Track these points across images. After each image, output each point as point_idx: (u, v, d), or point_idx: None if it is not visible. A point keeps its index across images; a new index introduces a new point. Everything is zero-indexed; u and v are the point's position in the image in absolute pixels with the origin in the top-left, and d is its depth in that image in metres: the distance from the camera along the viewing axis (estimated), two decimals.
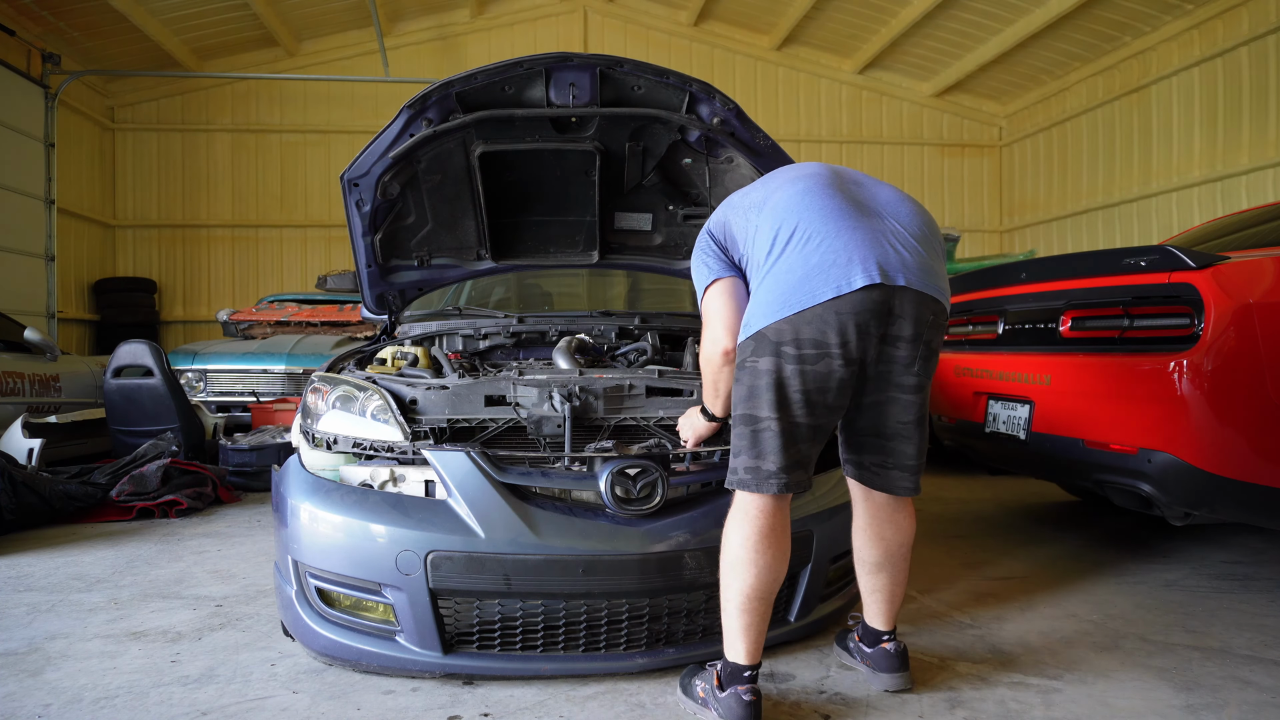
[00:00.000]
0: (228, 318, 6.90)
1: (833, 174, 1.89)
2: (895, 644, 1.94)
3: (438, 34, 11.67)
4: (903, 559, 1.94)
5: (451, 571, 1.88)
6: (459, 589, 1.90)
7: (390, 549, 1.90)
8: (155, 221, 11.38)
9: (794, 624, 2.16)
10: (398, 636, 1.95)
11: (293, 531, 2.04)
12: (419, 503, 1.98)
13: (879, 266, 1.68)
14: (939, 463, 5.69)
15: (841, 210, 1.76)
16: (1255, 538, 3.36)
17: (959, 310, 3.62)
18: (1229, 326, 2.29)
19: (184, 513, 4.02)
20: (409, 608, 1.91)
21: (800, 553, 2.06)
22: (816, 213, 1.76)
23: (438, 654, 1.93)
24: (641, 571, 1.90)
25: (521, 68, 2.48)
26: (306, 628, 2.04)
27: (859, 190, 1.85)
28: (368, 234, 2.80)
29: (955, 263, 9.09)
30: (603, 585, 1.90)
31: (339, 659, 2.02)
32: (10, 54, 8.92)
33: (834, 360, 1.68)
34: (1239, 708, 1.83)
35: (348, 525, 1.95)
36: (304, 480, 2.10)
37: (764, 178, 1.99)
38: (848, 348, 1.68)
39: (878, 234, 1.73)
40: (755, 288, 1.80)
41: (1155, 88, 9.57)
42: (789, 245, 1.75)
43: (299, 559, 2.04)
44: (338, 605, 2.03)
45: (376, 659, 1.97)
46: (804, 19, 11.14)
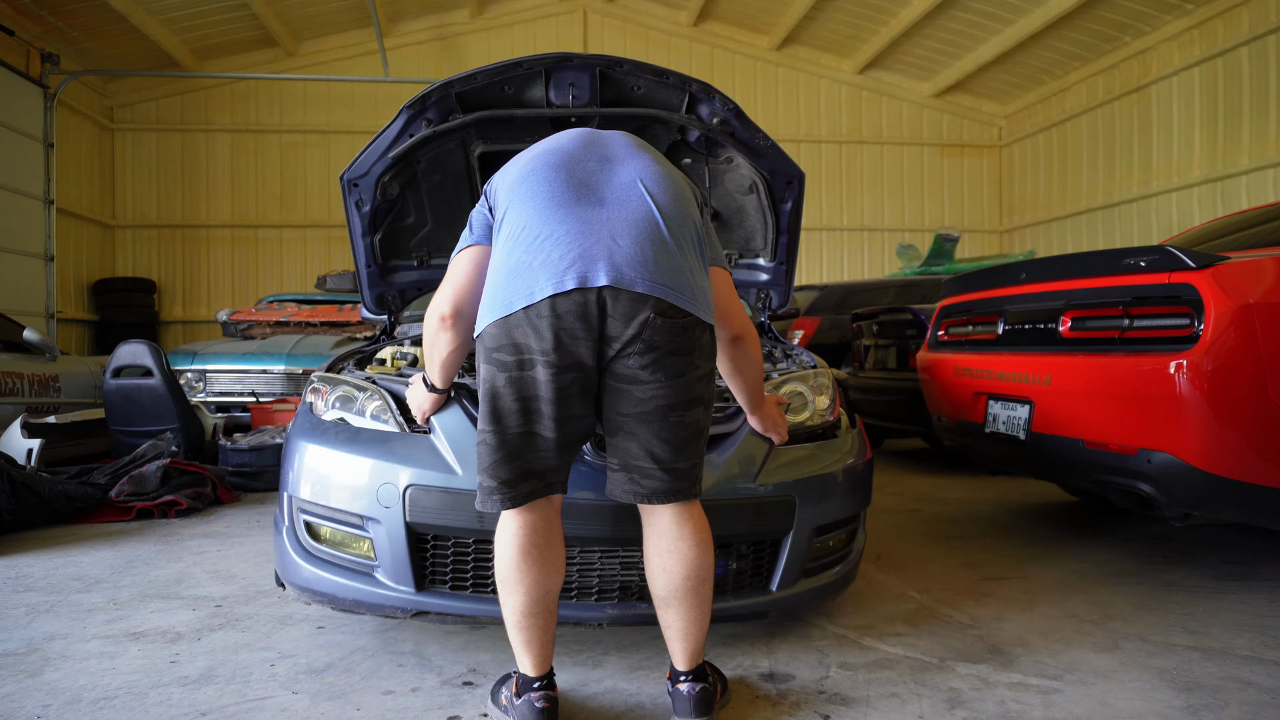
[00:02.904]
0: (227, 318, 6.90)
1: (578, 148, 1.75)
2: (690, 685, 1.69)
3: (437, 34, 11.68)
4: (690, 593, 1.67)
5: (428, 506, 1.94)
6: (435, 524, 1.94)
7: (373, 482, 1.98)
8: (155, 222, 11.39)
9: (775, 594, 2.10)
10: (376, 572, 2.01)
11: (291, 469, 2.15)
12: (403, 439, 2.05)
13: (580, 269, 1.56)
14: (939, 463, 5.69)
15: (556, 199, 1.64)
16: (1255, 538, 3.36)
17: (959, 310, 3.62)
18: (1229, 327, 2.29)
19: (183, 513, 4.01)
20: (387, 542, 1.97)
21: (781, 518, 2.05)
22: (531, 200, 1.65)
23: (411, 590, 1.98)
24: (614, 517, 1.91)
25: (521, 68, 2.47)
26: (291, 563, 2.13)
27: (600, 169, 1.70)
28: (367, 234, 2.80)
29: (955, 263, 9.13)
30: (575, 529, 1.92)
31: (319, 594, 2.09)
32: (9, 54, 8.92)
33: (543, 367, 1.56)
34: (1239, 708, 1.83)
35: (336, 459, 2.05)
36: (305, 421, 2.22)
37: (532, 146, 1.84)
38: (552, 354, 1.55)
39: (589, 226, 1.60)
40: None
41: (1155, 88, 9.57)
42: (506, 236, 1.66)
43: (293, 494, 2.13)
44: (323, 540, 2.12)
45: (353, 593, 2.03)
46: (804, 19, 11.15)
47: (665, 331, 1.59)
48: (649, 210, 1.65)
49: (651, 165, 1.74)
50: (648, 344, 1.58)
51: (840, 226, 12.56)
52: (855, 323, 5.91)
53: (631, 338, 1.57)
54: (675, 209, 1.69)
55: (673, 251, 1.63)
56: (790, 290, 3.08)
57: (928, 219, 12.62)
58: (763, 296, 3.16)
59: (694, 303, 1.63)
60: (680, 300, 1.60)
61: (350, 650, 2.18)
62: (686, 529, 1.68)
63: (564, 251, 1.58)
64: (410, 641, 2.24)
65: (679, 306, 1.60)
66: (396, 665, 2.08)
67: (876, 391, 5.39)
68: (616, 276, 1.56)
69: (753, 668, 2.05)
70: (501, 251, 1.66)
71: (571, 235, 1.60)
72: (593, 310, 1.56)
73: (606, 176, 1.69)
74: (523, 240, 1.62)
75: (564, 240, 1.59)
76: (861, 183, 12.58)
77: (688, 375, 1.63)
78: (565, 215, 1.62)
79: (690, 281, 1.64)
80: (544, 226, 1.61)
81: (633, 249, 1.59)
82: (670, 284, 1.60)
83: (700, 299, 1.65)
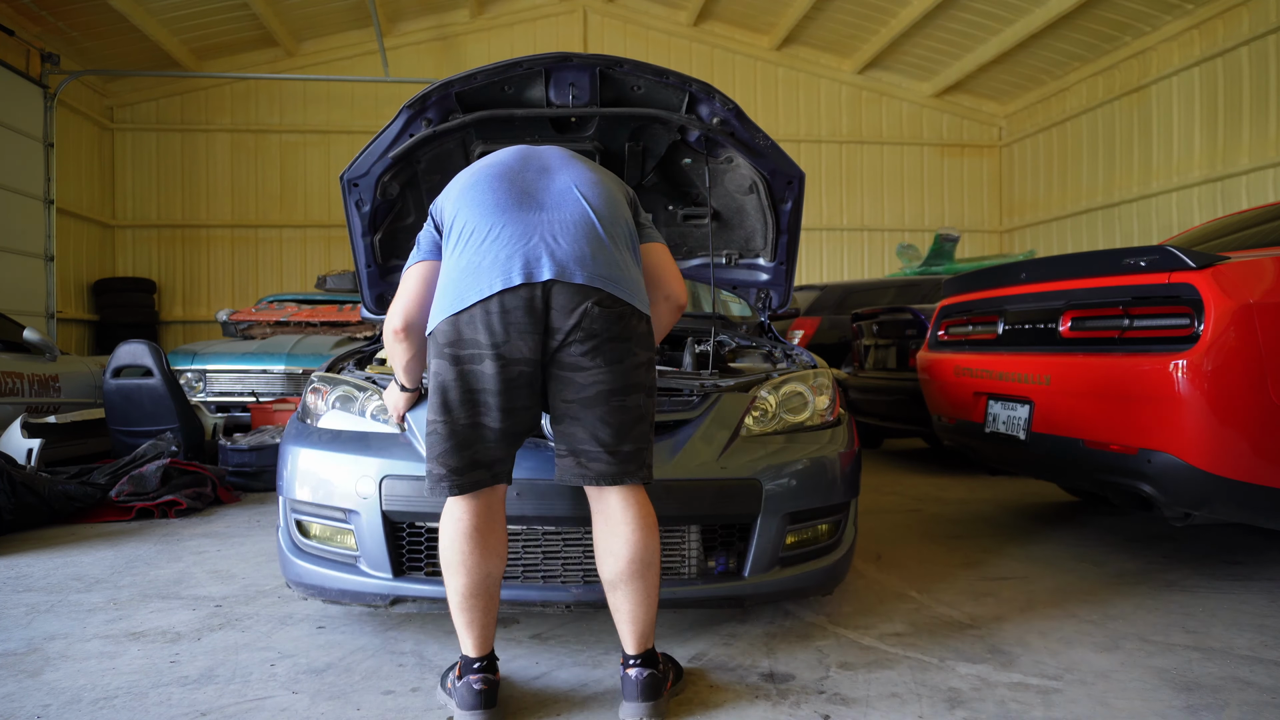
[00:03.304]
0: (227, 318, 6.90)
1: (516, 161, 1.89)
2: (639, 670, 1.75)
3: (437, 34, 11.68)
4: (636, 577, 1.75)
5: (402, 493, 2.05)
6: (408, 511, 2.06)
7: (352, 476, 2.11)
8: (155, 221, 11.39)
9: (747, 580, 2.11)
10: (359, 563, 2.13)
11: (283, 472, 2.28)
12: (380, 436, 2.17)
13: (524, 265, 1.70)
14: (939, 463, 5.69)
15: (499, 205, 1.78)
16: (1255, 538, 3.36)
17: (959, 310, 3.62)
18: (1229, 326, 2.29)
19: (183, 513, 4.02)
20: (366, 531, 2.09)
21: (746, 503, 2.08)
22: (477, 208, 1.80)
23: (389, 576, 2.09)
24: (574, 497, 1.97)
25: (521, 68, 2.48)
26: (287, 560, 2.27)
27: (538, 179, 1.85)
28: (367, 234, 2.80)
29: (955, 263, 9.12)
30: (535, 509, 2.01)
31: (309, 586, 2.21)
32: (9, 54, 8.92)
33: (490, 361, 1.68)
34: (1239, 708, 1.83)
35: (321, 459, 2.19)
36: (294, 427, 2.35)
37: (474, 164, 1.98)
38: (501, 347, 1.68)
39: (531, 228, 1.75)
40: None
41: (1155, 88, 9.57)
42: (455, 242, 1.80)
43: (287, 496, 2.26)
44: (312, 537, 2.25)
45: (339, 584, 2.15)
46: (804, 19, 11.15)
47: (603, 320, 1.71)
48: (584, 211, 1.79)
49: (585, 172, 1.89)
50: (587, 332, 1.70)
51: (840, 226, 12.56)
52: (855, 323, 5.91)
53: (573, 327, 1.69)
54: (608, 210, 1.83)
55: (608, 248, 1.78)
56: (790, 290, 3.08)
57: (928, 219, 12.62)
58: (763, 296, 3.16)
59: (630, 293, 1.76)
60: (617, 291, 1.74)
61: (350, 650, 2.18)
62: (630, 513, 1.77)
63: (510, 251, 1.72)
64: (410, 641, 2.24)
65: (616, 296, 1.73)
66: (396, 665, 2.08)
67: (876, 391, 5.39)
68: (559, 271, 1.70)
69: (753, 668, 2.05)
70: (452, 256, 1.79)
71: (516, 237, 1.74)
72: (538, 304, 1.69)
73: (545, 184, 1.84)
74: (471, 243, 1.76)
75: (510, 241, 1.73)
76: (861, 183, 12.58)
77: (626, 361, 1.74)
78: (509, 219, 1.76)
79: (625, 275, 1.78)
80: (490, 230, 1.75)
81: (571, 246, 1.73)
82: (607, 276, 1.74)
83: (635, 291, 1.79)
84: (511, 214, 1.77)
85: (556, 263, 1.71)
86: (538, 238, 1.73)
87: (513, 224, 1.75)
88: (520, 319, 1.68)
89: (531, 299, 1.69)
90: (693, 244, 3.12)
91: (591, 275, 1.72)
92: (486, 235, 1.75)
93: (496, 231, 1.75)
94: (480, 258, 1.73)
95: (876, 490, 4.58)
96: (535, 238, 1.73)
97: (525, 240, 1.73)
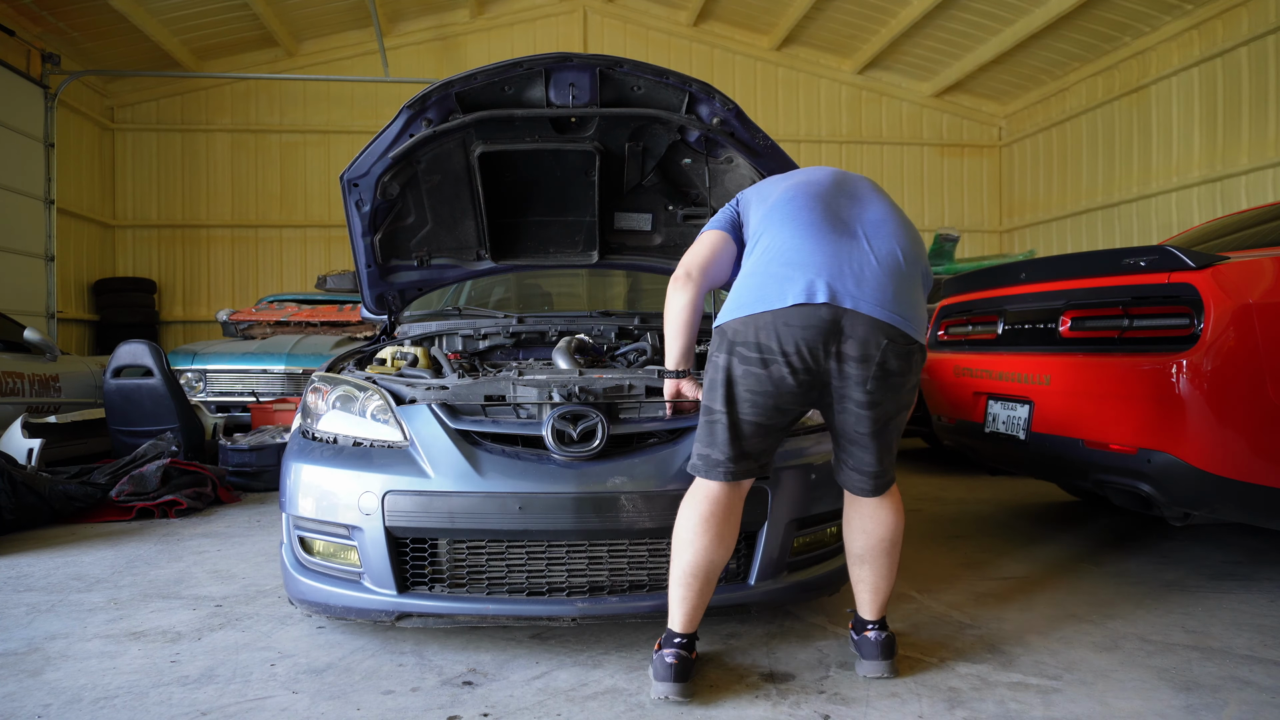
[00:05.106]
0: (227, 318, 6.89)
1: (831, 184, 1.98)
2: (878, 633, 1.99)
3: (437, 34, 11.67)
4: (884, 554, 1.98)
5: (405, 509, 2.03)
6: (411, 526, 2.04)
7: (355, 492, 2.07)
8: (155, 221, 11.38)
9: (754, 587, 2.12)
10: (362, 579, 2.10)
11: (285, 488, 2.23)
12: (382, 451, 2.15)
13: (829, 287, 1.77)
14: (939, 463, 5.69)
15: (815, 226, 1.85)
16: (1255, 538, 3.36)
17: (959, 310, 3.62)
18: (1229, 326, 2.29)
19: (184, 513, 4.02)
20: (369, 547, 2.06)
21: (753, 511, 2.07)
22: (792, 224, 1.87)
23: (393, 593, 2.06)
24: (577, 510, 1.98)
25: (521, 68, 2.48)
26: (290, 577, 2.23)
27: (849, 205, 1.93)
28: (367, 234, 2.80)
29: (955, 263, 9.12)
30: (540, 523, 2.00)
31: (314, 603, 2.18)
32: (10, 54, 8.92)
33: (779, 366, 1.79)
34: (1239, 708, 1.83)
35: (323, 474, 2.15)
36: (297, 442, 2.31)
37: (785, 174, 2.11)
38: (791, 357, 1.78)
39: (843, 254, 1.82)
40: (734, 282, 1.94)
41: (1155, 88, 9.57)
42: (762, 249, 1.89)
43: (290, 512, 2.22)
44: (315, 553, 2.21)
45: (343, 600, 2.12)
46: (804, 19, 11.14)
47: (895, 356, 1.81)
48: (893, 248, 1.86)
49: (892, 209, 1.97)
50: (883, 368, 1.80)
51: None
52: None
53: (866, 358, 1.79)
54: (913, 249, 1.91)
55: (907, 286, 1.86)
56: None
57: (928, 219, 12.61)
58: None
59: (919, 331, 1.87)
60: (909, 329, 1.82)
61: (350, 650, 2.18)
62: (889, 498, 1.98)
63: (818, 271, 1.79)
64: (410, 641, 2.24)
65: (909, 335, 1.82)
66: (396, 665, 2.08)
67: None
68: (859, 302, 1.78)
69: (753, 668, 2.05)
70: (760, 260, 1.88)
71: (826, 258, 1.81)
72: (833, 326, 1.77)
73: (858, 214, 1.92)
74: (781, 255, 1.84)
75: (819, 262, 1.80)
76: None
77: (904, 391, 1.88)
78: (822, 241, 1.83)
79: (917, 314, 1.88)
80: (803, 246, 1.83)
81: (876, 280, 1.80)
82: (903, 315, 1.82)
83: (922, 327, 1.89)
84: (826, 237, 1.84)
85: (860, 293, 1.78)
86: (846, 265, 1.80)
87: (825, 247, 1.82)
88: (814, 335, 1.76)
89: (833, 320, 1.77)
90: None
91: (891, 313, 1.79)
92: (798, 249, 1.82)
93: (810, 249, 1.82)
94: (788, 270, 1.80)
95: None
96: (844, 264, 1.80)
97: (833, 265, 1.80)
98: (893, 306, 1.80)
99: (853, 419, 1.87)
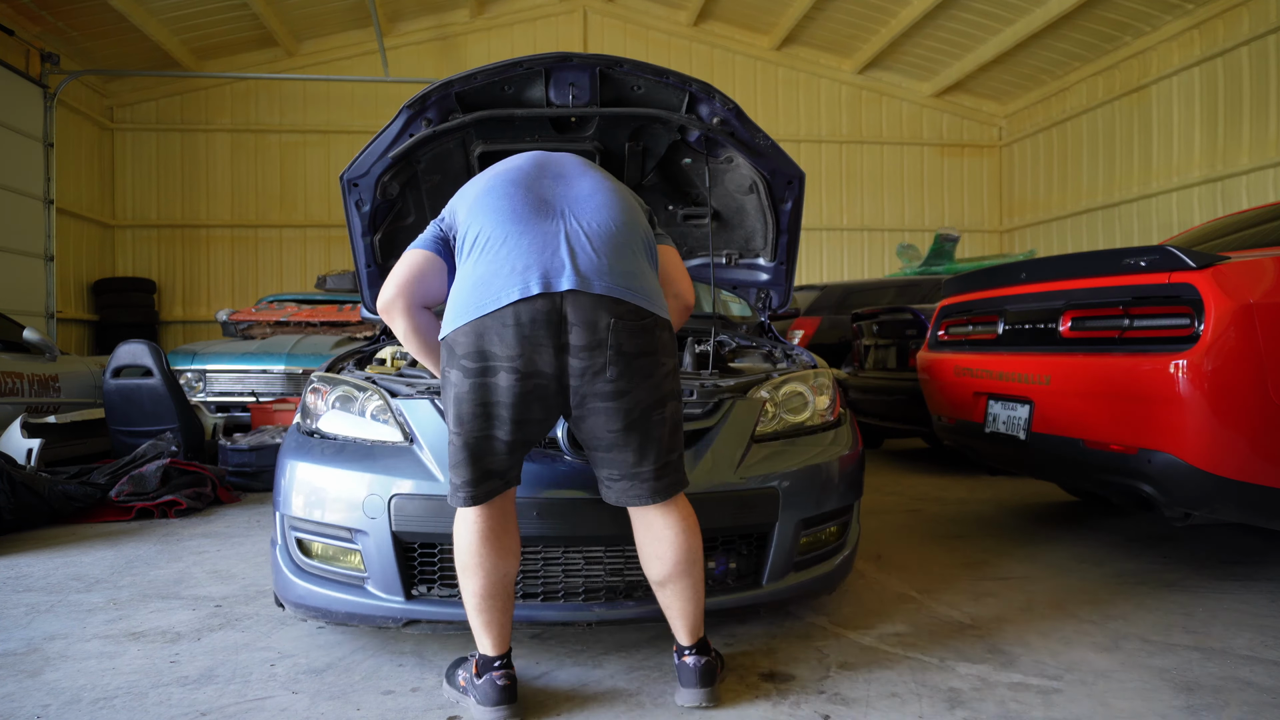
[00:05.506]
0: (227, 318, 6.90)
1: (532, 168, 1.88)
2: (696, 658, 1.83)
3: (437, 34, 11.68)
4: (683, 574, 1.80)
5: (413, 514, 1.96)
6: (420, 531, 1.96)
7: (359, 494, 1.99)
8: (154, 221, 11.39)
9: (765, 588, 2.11)
10: (366, 584, 2.03)
11: (280, 487, 2.15)
12: (387, 450, 2.07)
13: (542, 275, 1.67)
14: (939, 463, 5.69)
15: (516, 213, 1.76)
16: (1255, 538, 3.36)
17: (959, 310, 3.62)
18: (1229, 326, 2.29)
19: (183, 513, 4.01)
20: (375, 552, 1.98)
21: (766, 512, 2.06)
22: (492, 215, 1.77)
23: (400, 599, 1.99)
24: (595, 515, 1.93)
25: (521, 68, 2.47)
26: (285, 580, 2.13)
27: (553, 185, 1.84)
28: (367, 234, 2.80)
29: (955, 263, 9.12)
30: (556, 529, 1.95)
31: (313, 609, 2.10)
32: (9, 54, 8.92)
33: (505, 374, 1.66)
34: (1239, 708, 1.83)
35: (323, 474, 2.07)
36: (293, 438, 2.23)
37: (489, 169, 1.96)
38: (517, 360, 1.65)
39: (550, 237, 1.73)
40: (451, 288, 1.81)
41: (1155, 88, 9.57)
42: (470, 251, 1.77)
43: (285, 513, 2.13)
44: (314, 556, 2.12)
45: (345, 606, 2.04)
46: (804, 19, 11.15)
47: (628, 334, 1.69)
48: (603, 220, 1.78)
49: (600, 180, 1.88)
50: (616, 351, 1.67)
51: (840, 226, 12.56)
52: (855, 323, 5.91)
53: (596, 344, 1.67)
54: (626, 217, 1.82)
55: (627, 256, 1.76)
56: (790, 290, 3.08)
57: (928, 219, 12.62)
58: (763, 296, 3.16)
59: (651, 301, 1.75)
60: (639, 300, 1.72)
61: (350, 650, 2.18)
62: (672, 517, 1.80)
63: (528, 261, 1.69)
64: (410, 641, 2.24)
65: (640, 307, 1.71)
66: (396, 665, 2.08)
67: (876, 391, 5.39)
68: (578, 281, 1.67)
69: (753, 668, 2.05)
70: (467, 263, 1.77)
71: (534, 246, 1.71)
72: (556, 316, 1.66)
73: (562, 192, 1.83)
74: (487, 251, 1.73)
75: (527, 251, 1.70)
76: (861, 183, 12.58)
77: (655, 375, 1.73)
78: (526, 228, 1.74)
79: (646, 283, 1.77)
80: (506, 239, 1.73)
81: (591, 255, 1.71)
82: (627, 286, 1.71)
83: (655, 297, 1.78)
84: (529, 222, 1.75)
85: (576, 273, 1.68)
86: (556, 247, 1.71)
87: (530, 232, 1.73)
88: (537, 331, 1.65)
89: (550, 310, 1.66)
90: (693, 244, 3.12)
91: (611, 285, 1.69)
92: (503, 243, 1.72)
93: (514, 240, 1.72)
94: (497, 266, 1.70)
95: (877, 490, 4.57)
96: (553, 247, 1.71)
97: (543, 249, 1.70)
98: (611, 278, 1.69)
99: (602, 419, 1.70)
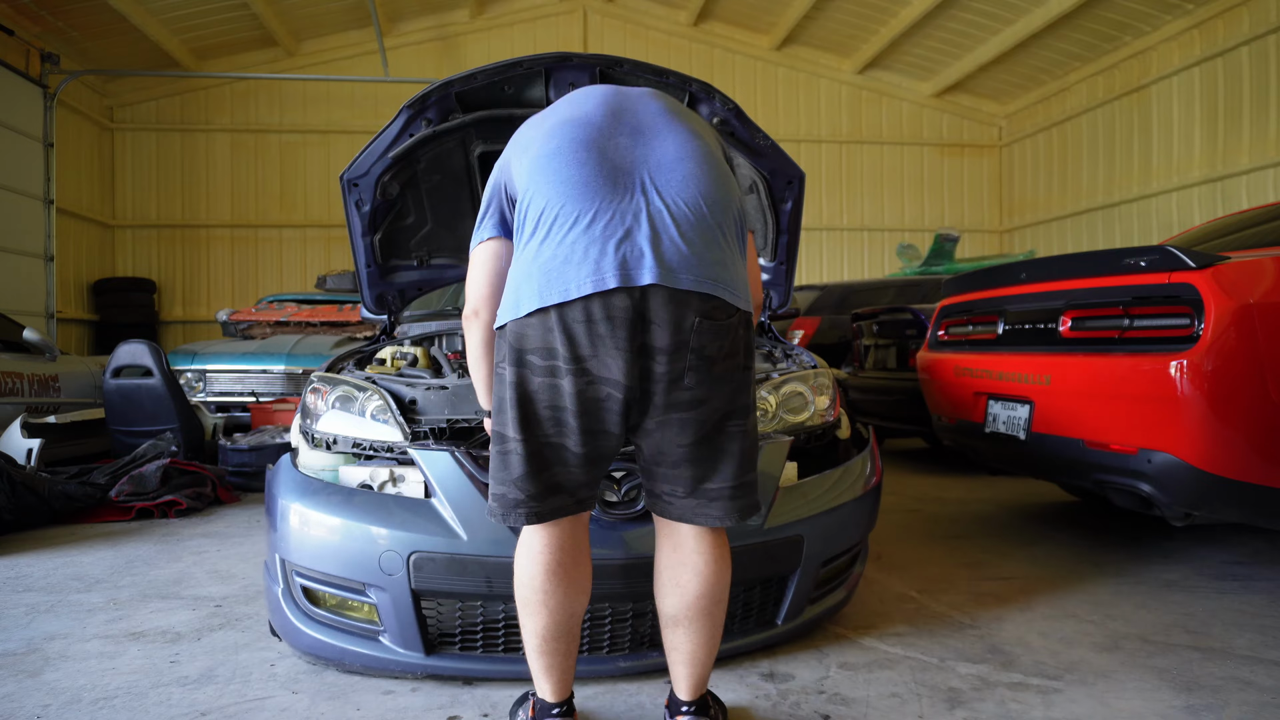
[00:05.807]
0: (227, 318, 6.90)
1: (606, 117, 1.55)
2: (694, 719, 1.59)
3: (437, 34, 11.68)
4: (705, 615, 1.54)
5: (434, 573, 1.86)
6: (441, 590, 1.88)
7: (374, 549, 1.88)
8: (154, 221, 11.39)
9: (781, 628, 2.12)
10: (381, 637, 1.95)
11: (280, 530, 2.02)
12: (403, 503, 1.96)
13: (619, 265, 1.39)
14: (939, 463, 5.69)
15: (588, 185, 1.45)
16: (1255, 538, 3.36)
17: (959, 310, 3.62)
18: (1229, 326, 2.29)
19: (183, 513, 4.01)
20: (392, 608, 1.90)
21: (789, 558, 2.05)
22: (559, 188, 1.46)
23: (420, 655, 1.92)
24: (625, 575, 1.87)
25: (521, 68, 2.47)
26: (292, 627, 2.04)
27: (633, 147, 1.51)
28: (367, 234, 2.79)
29: (955, 263, 9.12)
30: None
31: (323, 658, 2.03)
32: (9, 54, 8.92)
33: (571, 377, 1.41)
34: (1239, 708, 1.82)
35: (333, 524, 1.94)
36: (293, 479, 2.08)
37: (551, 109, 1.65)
38: (586, 361, 1.40)
39: (627, 217, 1.42)
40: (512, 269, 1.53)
41: (1155, 88, 9.57)
42: (533, 230, 1.48)
43: (285, 557, 2.02)
44: (323, 604, 2.03)
45: (360, 659, 1.96)
46: (804, 19, 11.15)
47: (712, 334, 1.44)
48: (694, 194, 1.47)
49: (687, 140, 1.54)
50: (698, 354, 1.43)
51: (840, 226, 12.56)
52: (855, 323, 5.91)
53: (679, 345, 1.41)
54: (720, 192, 1.51)
55: (718, 242, 1.47)
56: (790, 290, 3.08)
57: (928, 219, 12.62)
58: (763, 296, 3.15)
59: (739, 296, 1.48)
60: (728, 295, 1.45)
61: None
62: (706, 541, 1.54)
63: (602, 248, 1.40)
64: None
65: (727, 303, 1.45)
66: None
67: (876, 391, 5.39)
68: (662, 274, 1.39)
69: (753, 668, 2.05)
70: (531, 245, 1.47)
71: (609, 229, 1.42)
72: (634, 314, 1.40)
73: (643, 155, 1.50)
74: (555, 233, 1.44)
75: (601, 235, 1.41)
76: (861, 183, 12.58)
77: (737, 379, 1.49)
78: (600, 205, 1.44)
79: (736, 275, 1.49)
80: (579, 218, 1.43)
81: (677, 243, 1.42)
82: (717, 278, 1.44)
83: (743, 291, 1.50)
84: (603, 198, 1.44)
85: (659, 264, 1.39)
86: (635, 231, 1.42)
87: (605, 212, 1.43)
88: (612, 332, 1.39)
89: (628, 308, 1.39)
90: None
91: (700, 278, 1.41)
92: (573, 225, 1.43)
93: (585, 221, 1.42)
94: (567, 253, 1.41)
95: None
96: (632, 231, 1.41)
97: (619, 233, 1.41)
98: (701, 269, 1.42)
99: (674, 431, 1.46)
